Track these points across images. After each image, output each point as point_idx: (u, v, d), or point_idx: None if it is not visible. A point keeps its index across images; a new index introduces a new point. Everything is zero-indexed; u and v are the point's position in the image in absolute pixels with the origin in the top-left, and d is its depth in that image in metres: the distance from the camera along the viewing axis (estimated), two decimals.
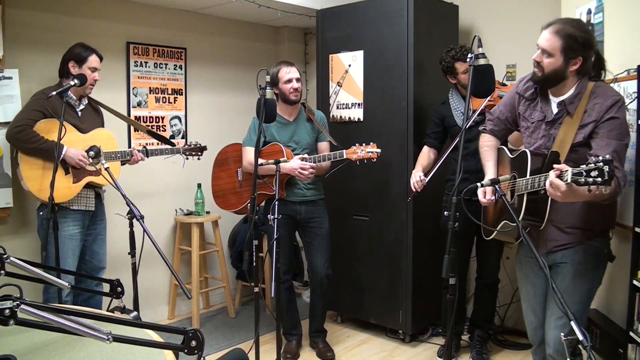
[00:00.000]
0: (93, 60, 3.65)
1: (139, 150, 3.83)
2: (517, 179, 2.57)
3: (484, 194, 2.66)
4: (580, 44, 2.44)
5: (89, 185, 3.68)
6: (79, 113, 3.70)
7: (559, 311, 2.52)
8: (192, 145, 4.19)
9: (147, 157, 3.90)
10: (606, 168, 1.97)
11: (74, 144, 3.54)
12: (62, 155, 3.47)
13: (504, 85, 3.98)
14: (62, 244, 3.46)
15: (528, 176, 2.49)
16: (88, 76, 3.61)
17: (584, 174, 2.03)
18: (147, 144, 4.68)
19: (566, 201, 2.30)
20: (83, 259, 3.82)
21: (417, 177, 3.82)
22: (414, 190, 3.84)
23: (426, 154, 4.05)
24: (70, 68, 3.61)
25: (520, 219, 2.47)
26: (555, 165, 2.21)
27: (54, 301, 3.45)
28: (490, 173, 2.86)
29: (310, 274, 4.21)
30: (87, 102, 3.77)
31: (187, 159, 4.22)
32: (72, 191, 3.58)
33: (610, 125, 2.41)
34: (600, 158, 2.00)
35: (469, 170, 3.56)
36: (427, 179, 3.81)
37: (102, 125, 3.88)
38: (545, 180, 2.27)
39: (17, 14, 3.98)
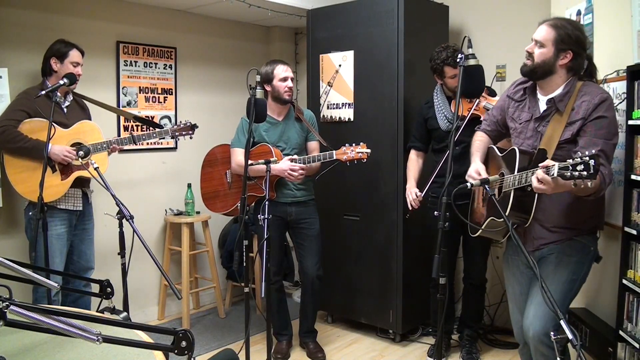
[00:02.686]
0: (74, 54, 3.63)
1: (116, 140, 3.71)
2: (505, 176, 2.59)
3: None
4: (573, 39, 2.51)
5: (76, 185, 3.64)
6: (65, 110, 3.67)
7: (541, 304, 2.54)
8: (182, 125, 3.97)
9: (135, 143, 3.78)
10: (592, 162, 2.00)
11: (58, 140, 3.50)
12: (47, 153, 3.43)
13: (493, 95, 3.93)
14: (49, 244, 3.42)
15: (516, 173, 2.51)
16: (70, 71, 3.58)
17: (570, 168, 2.06)
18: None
19: (553, 192, 2.32)
20: (71, 259, 3.80)
21: (413, 195, 3.90)
22: (411, 208, 3.89)
23: (415, 161, 4.06)
24: (52, 65, 3.59)
25: (506, 214, 2.48)
26: (540, 164, 2.23)
27: (43, 302, 3.42)
28: (476, 160, 2.89)
29: (301, 275, 4.20)
30: (72, 98, 3.74)
31: (177, 139, 4.09)
32: (62, 188, 3.56)
33: (598, 124, 2.44)
34: (587, 152, 2.03)
35: (454, 174, 3.54)
36: (422, 194, 3.87)
37: (89, 120, 3.83)
38: (532, 175, 2.29)
39: (6, 12, 3.95)
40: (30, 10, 4.08)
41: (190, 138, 4.04)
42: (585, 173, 2.01)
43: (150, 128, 4.01)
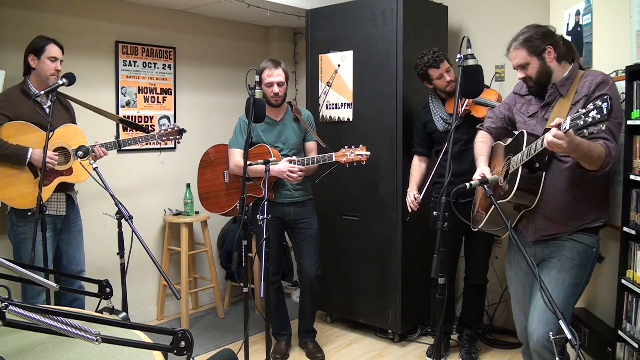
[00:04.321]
0: (51, 49, 3.46)
1: (101, 145, 3.56)
2: (512, 157, 2.61)
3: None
4: (539, 37, 2.63)
5: (59, 189, 3.54)
6: (47, 110, 3.50)
7: (544, 305, 2.55)
8: (169, 129, 3.84)
9: (120, 148, 3.67)
10: (604, 104, 1.96)
11: (39, 145, 3.35)
12: (27, 159, 3.34)
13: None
14: (36, 250, 3.27)
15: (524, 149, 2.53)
16: (48, 67, 3.44)
17: (582, 116, 2.04)
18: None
19: (568, 151, 2.31)
20: (60, 264, 3.70)
21: (411, 197, 3.91)
22: (411, 210, 3.89)
23: (417, 166, 4.07)
24: (30, 62, 3.44)
25: (512, 194, 2.51)
26: (552, 123, 2.25)
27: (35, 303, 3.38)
28: (481, 164, 2.91)
29: (300, 275, 4.20)
30: (54, 97, 3.48)
31: (165, 143, 3.93)
32: (44, 195, 3.38)
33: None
34: (599, 100, 1.99)
35: (455, 174, 3.55)
36: (421, 196, 3.87)
37: (72, 121, 3.73)
38: (542, 142, 2.31)
39: (4, 12, 3.94)
40: (28, 10, 4.07)
41: (178, 142, 3.93)
42: (598, 116, 1.98)
43: (137, 132, 3.90)
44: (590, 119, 2.01)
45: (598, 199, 2.64)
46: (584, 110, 2.04)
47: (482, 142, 3.03)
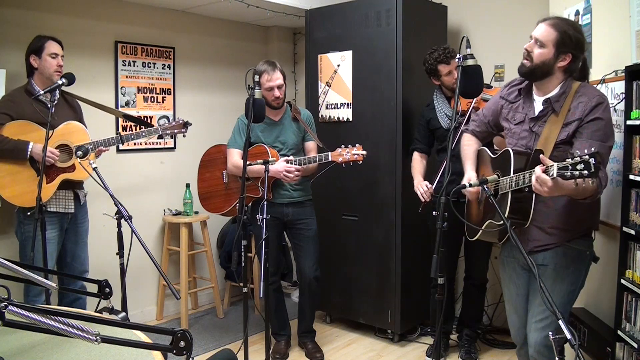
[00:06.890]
0: (51, 46, 3.46)
1: (103, 140, 3.54)
2: (501, 178, 2.58)
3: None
4: (574, 42, 2.49)
5: (66, 186, 3.54)
6: (51, 109, 3.44)
7: (540, 313, 2.57)
8: (174, 123, 3.77)
9: (122, 143, 3.67)
10: (592, 160, 1.97)
11: (42, 142, 3.33)
12: (28, 153, 3.33)
13: (489, 87, 4.00)
14: (39, 247, 3.28)
15: (512, 174, 2.50)
16: (50, 64, 3.45)
17: (570, 167, 2.03)
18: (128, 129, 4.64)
19: (552, 196, 2.30)
20: (64, 262, 3.70)
21: (424, 187, 3.85)
22: (424, 200, 3.85)
23: (419, 161, 4.05)
24: (32, 62, 3.45)
25: (505, 217, 2.47)
26: (541, 156, 2.22)
27: (36, 303, 3.38)
28: (468, 169, 2.88)
29: (299, 276, 4.20)
30: (58, 96, 3.47)
31: (175, 138, 3.84)
32: (47, 192, 3.43)
33: (594, 126, 2.43)
34: (586, 151, 2.01)
35: (456, 172, 3.54)
36: (433, 186, 3.85)
37: (78, 119, 3.71)
38: (530, 176, 2.28)
39: (4, 12, 3.94)
40: (28, 10, 4.07)
41: (184, 136, 3.90)
42: (586, 172, 1.99)
43: (139, 127, 3.88)
44: (577, 173, 2.01)
45: (590, 207, 2.61)
46: (571, 161, 2.03)
47: (468, 145, 2.99)
